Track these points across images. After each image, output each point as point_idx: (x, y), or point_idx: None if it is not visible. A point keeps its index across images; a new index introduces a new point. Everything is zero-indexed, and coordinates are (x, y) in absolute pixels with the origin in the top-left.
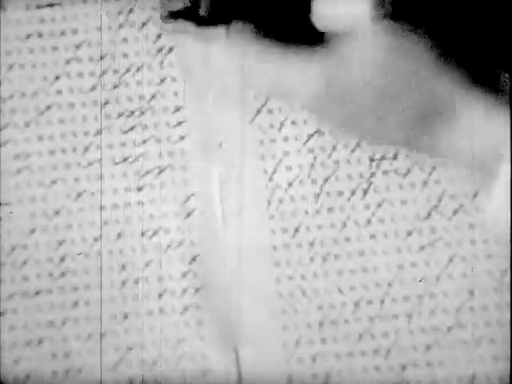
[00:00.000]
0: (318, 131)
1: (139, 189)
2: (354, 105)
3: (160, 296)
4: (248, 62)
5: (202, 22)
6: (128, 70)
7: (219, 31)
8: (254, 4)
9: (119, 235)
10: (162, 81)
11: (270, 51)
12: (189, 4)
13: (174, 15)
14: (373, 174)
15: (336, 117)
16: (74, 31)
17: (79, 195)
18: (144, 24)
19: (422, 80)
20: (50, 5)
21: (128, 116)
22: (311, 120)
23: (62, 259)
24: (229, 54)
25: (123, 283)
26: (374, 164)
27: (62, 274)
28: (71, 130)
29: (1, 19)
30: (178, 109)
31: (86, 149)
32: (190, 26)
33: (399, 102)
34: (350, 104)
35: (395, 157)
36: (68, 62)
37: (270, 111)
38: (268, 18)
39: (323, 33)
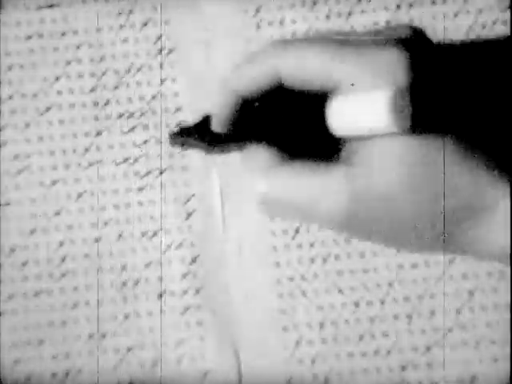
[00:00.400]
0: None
1: (139, 189)
2: (382, 216)
3: (160, 297)
4: (266, 186)
5: (212, 140)
6: (128, 71)
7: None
8: (269, 123)
9: (119, 236)
10: (163, 82)
11: (289, 170)
12: (198, 121)
13: (183, 133)
14: None
15: (366, 230)
16: (75, 32)
17: (79, 196)
18: (144, 25)
19: (450, 182)
20: (50, 6)
21: (128, 117)
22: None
23: (63, 260)
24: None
25: (123, 284)
26: None
27: (63, 275)
28: (71, 130)
29: (0, 20)
30: (178, 109)
31: (87, 149)
32: (200, 143)
33: (430, 208)
34: (377, 216)
35: None
36: (68, 62)
37: None
38: (284, 135)
39: (342, 146)
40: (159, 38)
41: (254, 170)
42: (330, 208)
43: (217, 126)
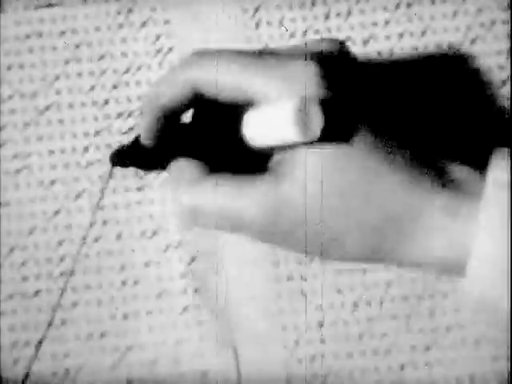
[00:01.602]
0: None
1: (138, 189)
2: (306, 226)
3: (159, 296)
4: (194, 198)
5: (146, 158)
6: (127, 71)
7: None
8: (193, 137)
9: (118, 235)
10: None
11: (212, 182)
12: (132, 140)
13: (120, 153)
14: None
15: (289, 240)
16: (74, 31)
17: (78, 195)
18: (143, 24)
19: (370, 191)
20: (49, 5)
21: (127, 116)
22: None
23: (62, 259)
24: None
25: (123, 283)
26: None
27: (62, 275)
28: (71, 130)
29: (0, 20)
30: None
31: (86, 149)
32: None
33: (354, 217)
34: (301, 226)
35: None
36: (67, 62)
37: None
38: (209, 149)
39: (263, 157)
40: (158, 37)
41: (179, 183)
42: (254, 219)
43: (145, 143)
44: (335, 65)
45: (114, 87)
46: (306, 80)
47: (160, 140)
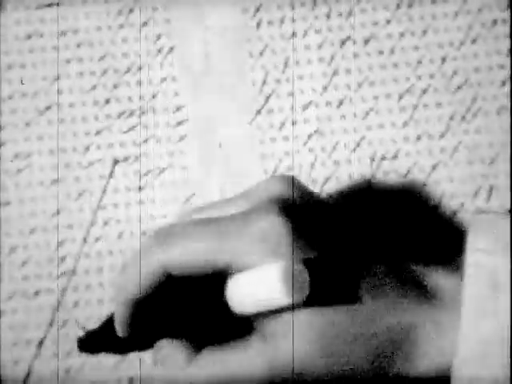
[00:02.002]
0: (317, 131)
1: (139, 189)
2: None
3: None
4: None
5: (124, 347)
6: (128, 70)
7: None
8: (173, 317)
9: (120, 235)
10: (162, 81)
11: (205, 358)
12: (102, 324)
13: (90, 338)
14: (373, 174)
15: None
16: (75, 31)
17: (80, 195)
18: (144, 24)
19: (364, 330)
20: (50, 5)
21: (128, 116)
22: None
23: (63, 259)
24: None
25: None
26: (374, 164)
27: (63, 274)
28: (71, 129)
29: (0, 19)
30: (178, 109)
31: (87, 149)
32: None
33: (350, 359)
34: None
35: (395, 157)
36: (68, 61)
37: (270, 111)
38: (190, 325)
39: (249, 320)
40: (159, 37)
41: (170, 367)
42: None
43: (121, 332)
44: (298, 207)
45: (115, 87)
46: (280, 236)
47: (136, 325)
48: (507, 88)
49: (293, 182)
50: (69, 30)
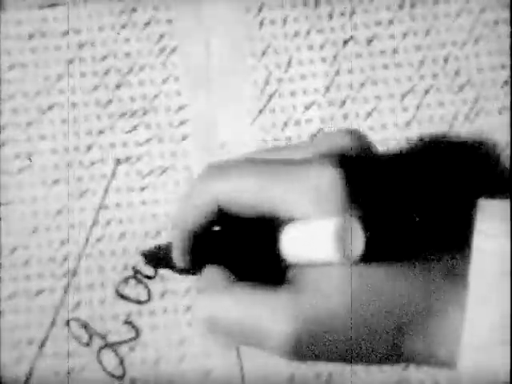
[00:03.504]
0: (320, 131)
1: (142, 189)
2: (332, 338)
3: (162, 295)
4: (211, 308)
5: (181, 269)
6: (131, 70)
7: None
8: (223, 246)
9: (122, 235)
10: (165, 81)
11: (235, 293)
12: (164, 247)
13: (152, 256)
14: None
15: (315, 353)
16: (77, 31)
17: (82, 195)
18: (147, 24)
19: (397, 297)
20: (52, 5)
21: (130, 116)
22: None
23: (65, 259)
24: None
25: (125, 283)
26: None
27: (65, 274)
28: (73, 129)
29: (1, 19)
30: (180, 108)
31: (89, 148)
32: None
33: (378, 323)
34: (327, 338)
35: None
36: (70, 61)
37: (273, 111)
38: (236, 258)
39: (290, 268)
40: (162, 37)
41: (207, 290)
42: (273, 330)
43: (177, 261)
44: (359, 165)
45: (117, 87)
46: (336, 191)
47: (191, 254)
48: (509, 88)
49: (358, 136)
50: (71, 29)
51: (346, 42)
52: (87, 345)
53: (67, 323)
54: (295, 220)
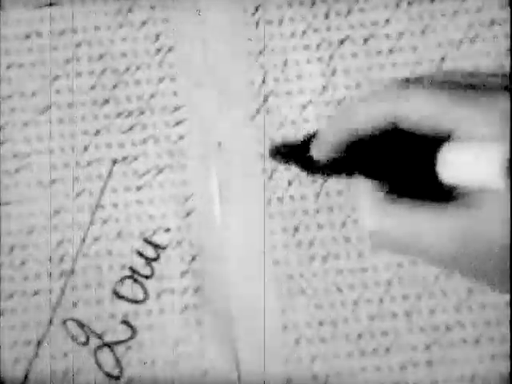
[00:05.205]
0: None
1: (138, 188)
2: (492, 257)
3: (159, 295)
4: (377, 223)
5: (312, 167)
6: (127, 70)
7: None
8: (377, 158)
9: (118, 235)
10: (161, 80)
11: (400, 208)
12: (297, 143)
13: (282, 150)
14: None
15: (473, 270)
16: (74, 31)
17: (78, 195)
18: (143, 23)
19: None
20: (49, 4)
21: (127, 116)
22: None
23: (62, 259)
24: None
25: (122, 282)
26: None
27: (61, 274)
28: (70, 129)
29: (0, 18)
30: (177, 108)
31: (85, 148)
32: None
33: None
34: (488, 257)
35: None
36: (67, 61)
37: (270, 110)
38: (392, 172)
39: (453, 188)
40: (158, 36)
41: (362, 204)
42: (441, 246)
43: (317, 155)
44: None
45: (114, 86)
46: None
47: (335, 156)
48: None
49: None
50: (67, 29)
51: (342, 42)
52: (84, 344)
53: (64, 323)
54: (465, 141)
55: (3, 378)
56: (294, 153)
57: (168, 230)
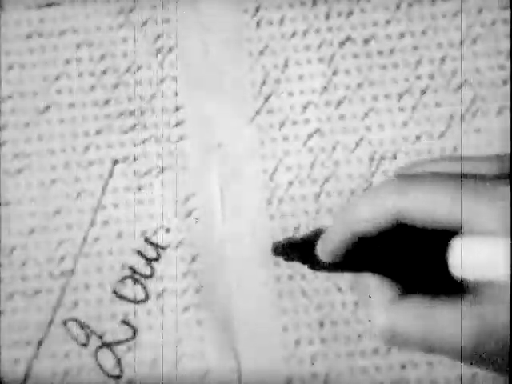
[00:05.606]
0: (317, 131)
1: (139, 189)
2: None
3: (160, 295)
4: (393, 320)
5: (318, 264)
6: (128, 70)
7: None
8: (385, 254)
9: (119, 235)
10: (162, 81)
11: (411, 304)
12: (301, 240)
13: (287, 247)
14: (373, 174)
15: (492, 361)
16: (74, 31)
17: (79, 195)
18: (144, 24)
19: None
20: (50, 5)
21: (128, 116)
22: None
23: (62, 259)
24: None
25: (123, 282)
26: (374, 164)
27: (62, 274)
28: (71, 129)
29: (0, 19)
30: (177, 109)
31: (86, 149)
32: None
33: None
34: (504, 355)
35: (395, 157)
36: (68, 61)
37: (270, 111)
38: (401, 267)
39: (462, 282)
40: (159, 36)
41: (372, 302)
42: (457, 344)
43: (322, 256)
44: None
45: (115, 87)
46: None
47: (341, 256)
48: (507, 88)
49: None
50: (68, 29)
51: (343, 43)
52: (84, 345)
53: (65, 323)
54: (472, 235)
55: (3, 378)
56: (298, 250)
57: (168, 230)
